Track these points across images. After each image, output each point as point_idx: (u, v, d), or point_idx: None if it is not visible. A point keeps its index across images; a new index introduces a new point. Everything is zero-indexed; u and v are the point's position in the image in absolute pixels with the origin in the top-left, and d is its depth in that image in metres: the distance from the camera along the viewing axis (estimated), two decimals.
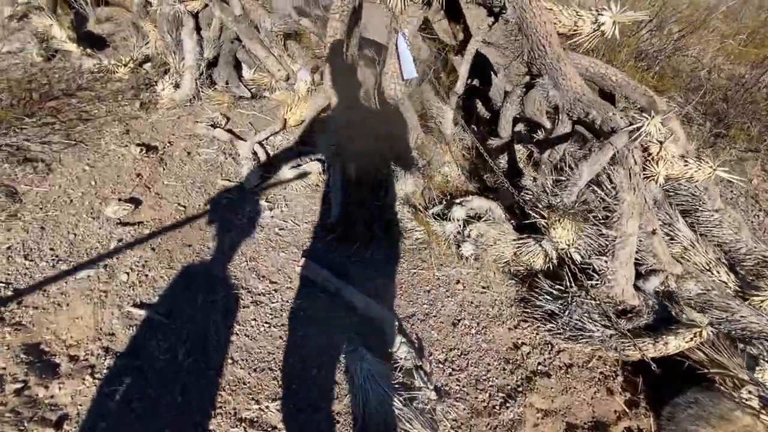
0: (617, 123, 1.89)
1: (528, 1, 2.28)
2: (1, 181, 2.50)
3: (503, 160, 3.02)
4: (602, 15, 2.25)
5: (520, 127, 3.45)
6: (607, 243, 1.99)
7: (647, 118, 1.84)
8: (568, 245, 2.11)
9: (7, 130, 2.82)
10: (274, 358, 1.90)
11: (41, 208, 2.43)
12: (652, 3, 4.27)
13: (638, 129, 1.84)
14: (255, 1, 4.05)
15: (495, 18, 2.58)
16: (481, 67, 3.51)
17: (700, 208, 2.92)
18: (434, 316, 2.21)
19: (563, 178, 1.93)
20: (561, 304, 2.14)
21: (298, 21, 4.20)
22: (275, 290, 2.20)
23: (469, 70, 3.02)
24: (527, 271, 2.51)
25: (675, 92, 4.53)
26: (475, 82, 3.68)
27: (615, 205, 1.94)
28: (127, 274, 2.15)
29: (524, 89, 2.48)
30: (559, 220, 2.05)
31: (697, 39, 4.64)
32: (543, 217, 2.15)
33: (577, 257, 2.14)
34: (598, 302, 2.07)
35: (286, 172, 2.83)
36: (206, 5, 3.95)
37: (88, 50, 4.04)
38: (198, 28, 3.82)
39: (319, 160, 2.90)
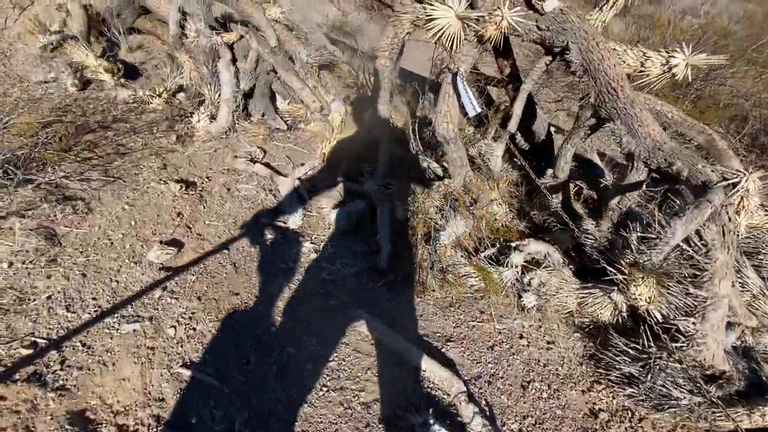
0: (709, 177, 1.76)
1: (595, 42, 2.19)
2: (40, 223, 2.40)
3: (556, 200, 2.89)
4: (674, 57, 2.16)
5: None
6: (696, 303, 1.84)
7: (744, 173, 1.72)
8: (649, 302, 1.96)
9: (44, 166, 2.75)
10: (336, 430, 1.74)
11: (82, 252, 2.32)
12: (688, 32, 4.20)
13: (735, 185, 1.71)
14: (289, 32, 4.03)
15: (553, 57, 2.50)
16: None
17: (763, 251, 2.76)
18: (501, 378, 2.05)
19: (652, 236, 1.80)
20: (641, 367, 1.97)
21: (333, 52, 4.17)
22: (329, 345, 2.06)
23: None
24: (593, 324, 2.35)
25: (714, 123, 4.42)
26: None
27: (706, 263, 1.79)
28: (174, 328, 2.02)
29: (588, 131, 2.37)
30: (642, 277, 1.91)
31: (735, 69, 4.55)
32: (622, 272, 2.01)
33: (657, 315, 1.98)
34: (683, 366, 1.90)
35: (331, 211, 2.72)
36: (241, 37, 3.94)
37: (122, 80, 4.03)
38: (234, 60, 3.79)
39: (364, 198, 2.78)
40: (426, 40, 2.62)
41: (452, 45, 2.40)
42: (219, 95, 3.69)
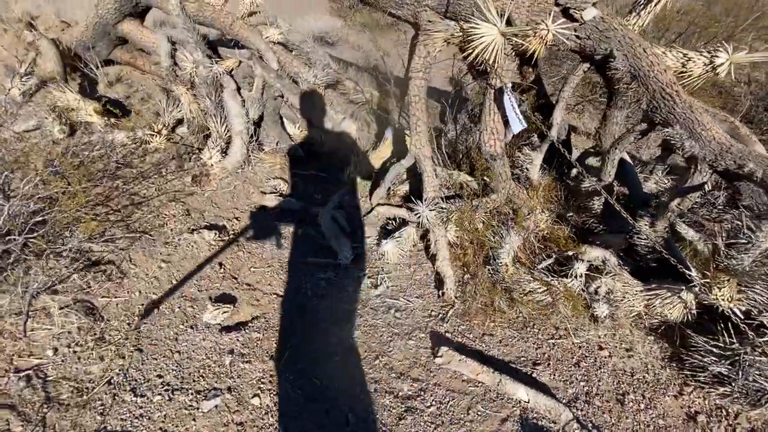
0: None
1: (642, 49, 2.21)
2: (75, 296, 2.16)
3: (597, 203, 2.92)
4: (718, 57, 2.20)
5: (592, 161, 3.37)
6: None
7: None
8: (730, 301, 2.00)
9: (61, 230, 2.47)
10: None
11: (129, 324, 2.11)
12: (679, 20, 4.36)
13: None
14: (289, 53, 3.87)
15: (592, 65, 2.50)
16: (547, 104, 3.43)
17: None
18: (597, 395, 2.03)
19: (743, 240, 1.83)
20: (729, 364, 2.01)
21: (338, 71, 4.04)
22: (423, 390, 1.97)
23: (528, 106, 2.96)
24: (662, 324, 2.39)
25: (710, 103, 4.61)
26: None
27: None
28: (258, 396, 1.87)
29: (639, 136, 2.39)
30: (728, 279, 1.94)
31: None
32: (705, 275, 2.04)
33: (738, 312, 2.02)
34: None
35: (384, 241, 2.61)
36: (240, 63, 3.74)
37: (113, 119, 3.73)
38: (238, 88, 3.59)
39: (414, 223, 2.70)
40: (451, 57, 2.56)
41: (494, 61, 2.35)
42: (226, 127, 3.48)
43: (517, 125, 2.41)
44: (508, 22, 2.34)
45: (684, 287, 2.24)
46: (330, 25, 6.25)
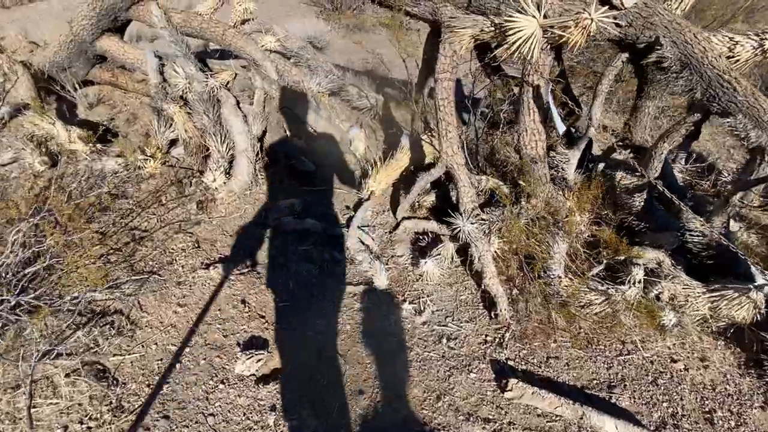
0: None
1: (692, 34, 2.04)
2: (81, 359, 1.86)
3: (638, 200, 2.76)
4: None
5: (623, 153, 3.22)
6: None
7: None
8: None
9: (57, 281, 2.15)
10: None
11: (148, 386, 1.82)
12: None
13: None
14: (287, 61, 3.61)
15: (632, 54, 2.33)
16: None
17: None
18: (683, 416, 1.84)
19: None
20: None
21: (342, 77, 3.79)
22: (497, 431, 1.74)
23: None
24: (730, 326, 2.23)
25: None
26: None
27: None
28: None
29: (692, 128, 2.23)
30: None
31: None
32: None
33: None
34: None
35: (423, 262, 2.38)
36: (236, 75, 3.46)
37: (99, 145, 3.39)
38: (237, 103, 3.31)
39: (448, 236, 2.48)
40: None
41: (531, 56, 2.16)
42: (227, 146, 3.19)
43: (562, 126, 2.22)
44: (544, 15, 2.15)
45: (752, 286, 2.09)
46: (317, 29, 5.99)
